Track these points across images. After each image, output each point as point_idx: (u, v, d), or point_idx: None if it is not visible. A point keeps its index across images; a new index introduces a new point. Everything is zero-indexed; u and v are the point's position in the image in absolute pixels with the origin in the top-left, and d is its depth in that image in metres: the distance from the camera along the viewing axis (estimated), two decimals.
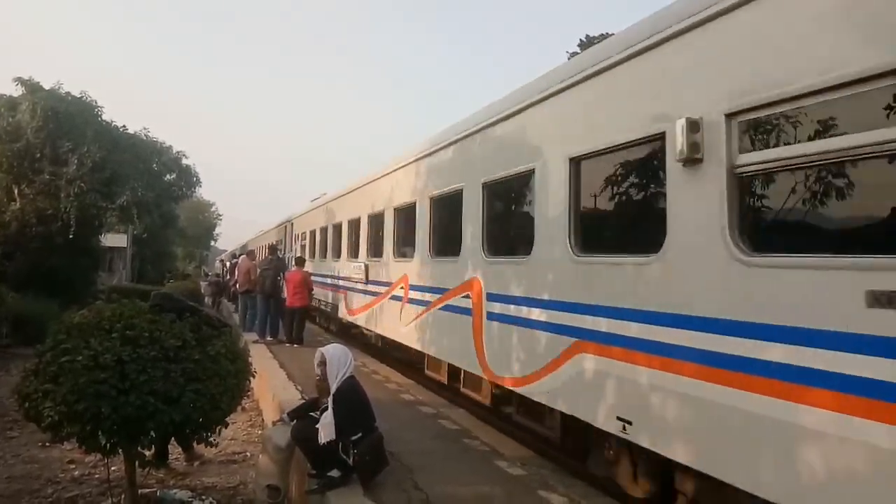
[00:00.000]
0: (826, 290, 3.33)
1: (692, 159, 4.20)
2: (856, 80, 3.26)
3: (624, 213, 5.34)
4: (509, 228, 7.40)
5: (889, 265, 3.08)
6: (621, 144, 5.05)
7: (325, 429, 5.13)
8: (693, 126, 4.18)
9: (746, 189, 3.98)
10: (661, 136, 4.58)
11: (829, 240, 3.61)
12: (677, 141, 4.27)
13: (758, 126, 3.89)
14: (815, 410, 3.35)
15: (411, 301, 9.76)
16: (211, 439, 5.53)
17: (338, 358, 5.45)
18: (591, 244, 5.54)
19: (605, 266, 5.21)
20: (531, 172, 6.35)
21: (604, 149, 5.25)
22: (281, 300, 14.75)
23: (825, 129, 3.48)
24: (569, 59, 7.65)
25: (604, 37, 36.18)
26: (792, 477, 3.45)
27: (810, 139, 3.55)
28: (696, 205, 4.24)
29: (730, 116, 3.99)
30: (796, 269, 3.54)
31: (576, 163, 5.64)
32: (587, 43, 36.86)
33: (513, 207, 7.47)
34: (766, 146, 3.85)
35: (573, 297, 5.55)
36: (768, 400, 3.60)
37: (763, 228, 3.96)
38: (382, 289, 11.46)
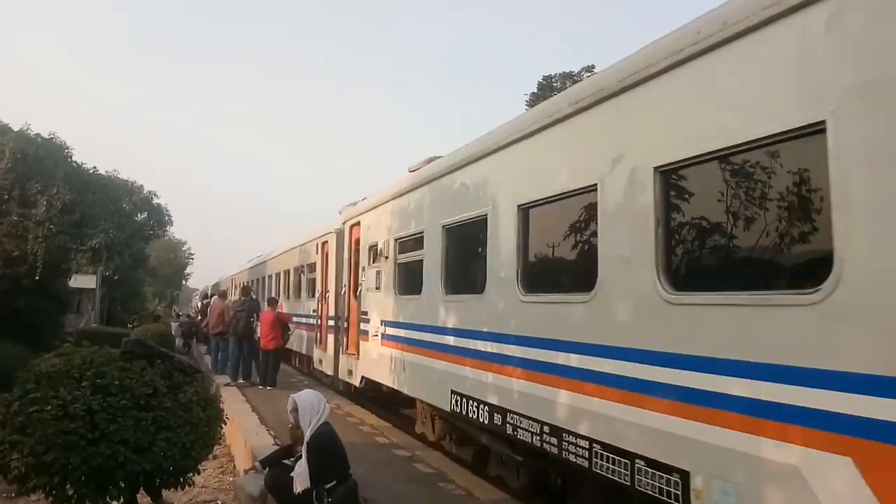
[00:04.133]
0: None
1: None
2: None
3: None
4: None
5: None
6: None
7: (300, 478, 5.10)
8: None
9: None
10: None
11: None
12: None
13: None
14: None
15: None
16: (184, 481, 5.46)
17: (311, 404, 5.43)
18: None
19: None
20: None
21: None
22: (254, 342, 14.62)
23: None
24: (528, 101, 8.22)
25: (566, 75, 36.50)
26: None
27: None
28: None
29: None
30: None
31: None
32: (546, 84, 37.30)
33: None
34: None
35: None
36: None
37: None
38: None
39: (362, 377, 11.20)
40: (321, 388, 12.20)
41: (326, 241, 14.64)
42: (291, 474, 5.19)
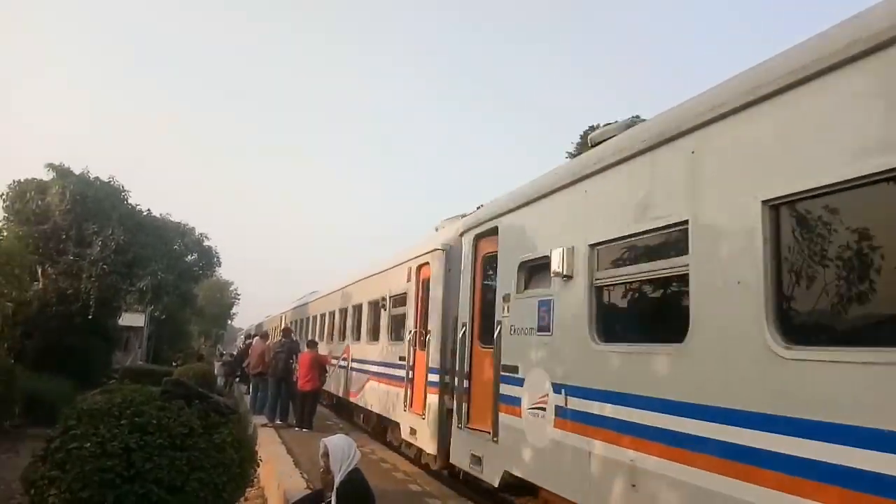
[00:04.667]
0: None
1: None
2: None
3: None
4: None
5: None
6: None
7: None
8: None
9: None
10: None
11: None
12: None
13: None
14: None
15: None
16: None
17: (341, 449, 5.44)
18: None
19: None
20: None
21: None
22: (292, 383, 14.79)
23: None
24: (571, 156, 7.30)
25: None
26: None
27: None
28: None
29: None
30: None
31: None
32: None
33: None
34: None
35: None
36: None
37: None
38: None
39: (505, 472, 7.06)
40: (354, 434, 12.21)
41: (426, 263, 11.07)
42: None
